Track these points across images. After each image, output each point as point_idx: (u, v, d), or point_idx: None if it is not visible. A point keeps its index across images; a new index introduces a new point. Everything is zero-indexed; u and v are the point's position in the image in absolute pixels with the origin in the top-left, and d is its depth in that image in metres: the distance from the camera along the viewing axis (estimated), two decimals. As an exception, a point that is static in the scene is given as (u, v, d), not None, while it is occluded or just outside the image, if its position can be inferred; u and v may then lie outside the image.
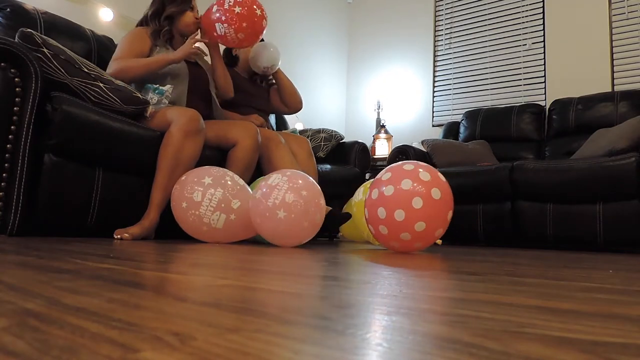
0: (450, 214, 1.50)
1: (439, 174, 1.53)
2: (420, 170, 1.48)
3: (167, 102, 1.99)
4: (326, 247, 1.78)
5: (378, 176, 1.56)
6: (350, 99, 4.65)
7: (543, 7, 3.71)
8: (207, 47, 2.28)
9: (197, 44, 2.05)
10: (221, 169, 1.77)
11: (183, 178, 1.70)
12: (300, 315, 0.41)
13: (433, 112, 4.16)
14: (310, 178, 1.69)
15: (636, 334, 0.37)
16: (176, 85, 2.07)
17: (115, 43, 2.37)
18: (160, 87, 1.98)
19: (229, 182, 1.70)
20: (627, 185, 2.26)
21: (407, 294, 0.59)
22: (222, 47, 2.76)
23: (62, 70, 1.64)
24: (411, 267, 1.04)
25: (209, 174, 1.70)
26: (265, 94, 2.67)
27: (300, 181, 1.62)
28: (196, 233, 1.69)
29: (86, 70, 1.72)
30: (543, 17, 3.70)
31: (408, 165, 1.51)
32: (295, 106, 2.68)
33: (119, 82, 1.86)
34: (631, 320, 0.44)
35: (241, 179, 1.79)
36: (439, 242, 1.94)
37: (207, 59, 2.35)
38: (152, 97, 1.95)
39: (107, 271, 0.68)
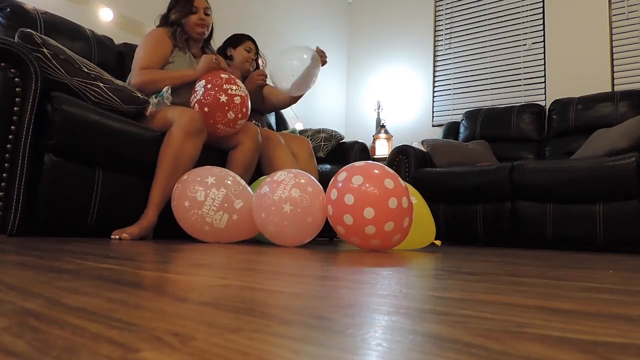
0: (389, 182, 1.50)
1: (357, 164, 1.57)
2: (340, 173, 1.56)
3: (167, 103, 1.99)
4: (326, 247, 1.78)
5: None
6: (350, 99, 4.65)
7: (543, 7, 3.71)
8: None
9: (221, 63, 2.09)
10: (223, 169, 1.78)
11: (185, 177, 1.70)
12: (300, 315, 0.41)
13: (433, 112, 4.16)
14: (313, 178, 1.69)
15: (636, 334, 0.37)
16: (185, 87, 2.08)
17: (116, 43, 2.38)
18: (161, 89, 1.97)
19: (232, 182, 1.70)
20: (627, 185, 2.26)
21: (407, 294, 0.59)
22: (217, 45, 2.76)
23: (62, 70, 1.64)
24: (411, 267, 1.04)
25: (212, 173, 1.70)
26: (259, 93, 2.67)
27: (304, 180, 1.63)
28: (198, 233, 1.69)
29: (86, 70, 1.72)
30: (543, 17, 3.70)
31: (339, 174, 1.57)
32: (291, 102, 2.69)
33: (119, 82, 1.86)
34: (631, 320, 0.44)
35: (242, 180, 1.79)
36: (438, 242, 1.94)
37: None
38: (153, 98, 1.95)
39: (107, 271, 0.68)
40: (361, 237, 1.51)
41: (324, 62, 2.54)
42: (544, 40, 3.68)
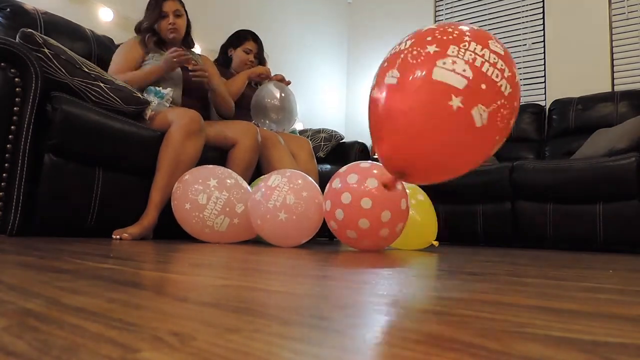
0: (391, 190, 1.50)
1: (362, 164, 1.54)
2: (349, 175, 1.51)
3: (167, 105, 1.99)
4: (326, 247, 1.78)
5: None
6: (350, 99, 4.66)
7: (543, 7, 3.71)
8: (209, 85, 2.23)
9: (179, 52, 2.00)
10: (225, 169, 1.77)
11: (186, 177, 1.70)
12: (300, 315, 0.41)
13: (433, 112, 4.16)
14: (309, 177, 1.69)
15: (636, 334, 0.37)
16: (172, 89, 2.08)
17: (116, 43, 2.38)
18: (162, 91, 1.98)
19: (234, 185, 1.70)
20: (627, 185, 2.26)
21: (407, 294, 0.59)
22: (218, 44, 2.75)
23: (63, 70, 1.64)
24: (411, 267, 1.04)
25: (214, 175, 1.69)
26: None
27: (300, 181, 1.62)
28: (198, 234, 1.69)
29: (86, 70, 1.73)
30: (543, 17, 3.70)
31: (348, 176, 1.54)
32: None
33: (120, 82, 1.86)
34: (631, 320, 0.44)
35: (244, 181, 1.79)
36: (436, 243, 1.93)
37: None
38: (153, 100, 1.95)
39: (107, 271, 0.68)
40: (374, 239, 1.50)
41: (287, 82, 2.54)
42: (544, 40, 3.68)
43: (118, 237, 1.61)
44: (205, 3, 2.70)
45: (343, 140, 3.11)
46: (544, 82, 3.65)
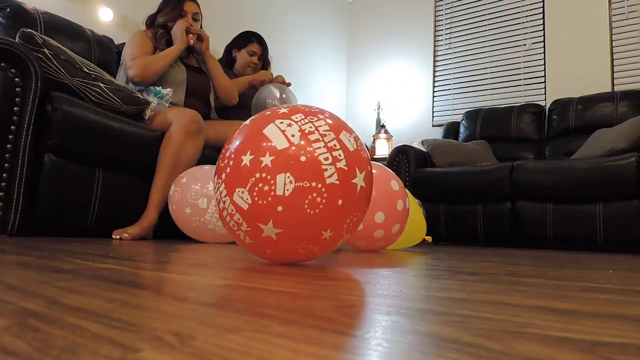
0: (394, 184, 1.49)
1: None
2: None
3: (167, 105, 1.99)
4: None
5: None
6: (350, 99, 4.66)
7: (543, 7, 3.71)
8: (201, 55, 2.28)
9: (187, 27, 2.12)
10: None
11: (183, 180, 1.69)
12: (300, 315, 0.41)
13: (433, 112, 4.16)
14: None
15: (636, 333, 0.37)
16: (174, 90, 2.08)
17: (116, 43, 2.38)
18: (161, 91, 1.98)
19: None
20: (627, 185, 2.26)
21: (407, 294, 0.59)
22: (217, 43, 2.75)
23: (63, 71, 1.64)
24: (411, 267, 1.04)
25: (212, 177, 1.69)
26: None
27: None
28: (198, 236, 1.69)
29: (86, 70, 1.73)
30: (543, 17, 3.71)
31: None
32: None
33: (119, 82, 1.87)
34: (631, 320, 0.44)
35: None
36: (428, 238, 1.93)
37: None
38: (152, 100, 1.95)
39: (107, 271, 0.68)
40: (369, 240, 1.51)
41: (288, 84, 2.56)
42: (544, 40, 3.68)
43: (118, 237, 1.61)
44: (205, 3, 2.69)
45: (343, 140, 3.10)
46: (544, 82, 3.65)
